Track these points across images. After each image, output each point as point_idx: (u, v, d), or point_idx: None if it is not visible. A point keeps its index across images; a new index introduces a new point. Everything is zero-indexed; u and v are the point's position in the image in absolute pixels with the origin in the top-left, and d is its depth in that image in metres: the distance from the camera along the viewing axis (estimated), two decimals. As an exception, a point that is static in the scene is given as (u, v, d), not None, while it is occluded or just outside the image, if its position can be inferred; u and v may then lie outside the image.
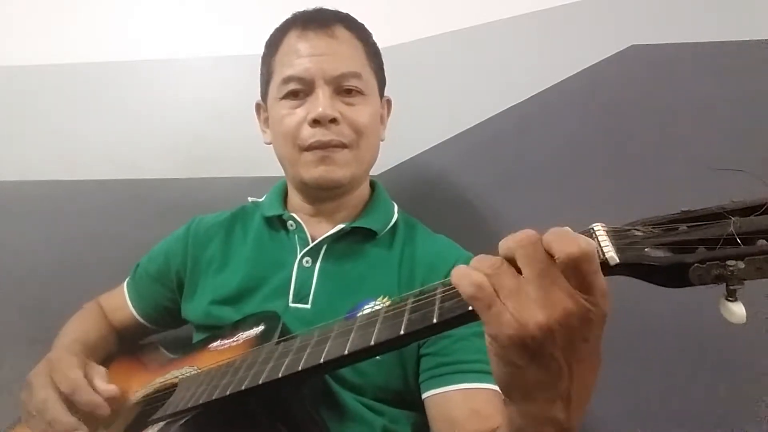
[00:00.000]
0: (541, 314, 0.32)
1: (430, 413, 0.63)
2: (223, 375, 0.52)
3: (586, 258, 0.32)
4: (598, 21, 0.94)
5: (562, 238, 0.33)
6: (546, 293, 0.32)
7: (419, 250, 0.75)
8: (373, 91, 0.76)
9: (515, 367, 0.35)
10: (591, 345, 0.34)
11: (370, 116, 0.73)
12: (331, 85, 0.71)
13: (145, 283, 0.86)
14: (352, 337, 0.43)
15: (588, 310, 0.32)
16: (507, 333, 0.33)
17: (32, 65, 1.19)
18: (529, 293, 0.33)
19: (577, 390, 0.34)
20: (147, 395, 0.64)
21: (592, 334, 0.33)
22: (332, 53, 0.71)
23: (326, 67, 0.70)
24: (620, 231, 0.35)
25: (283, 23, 0.78)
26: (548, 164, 0.96)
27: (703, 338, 0.81)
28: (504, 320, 0.33)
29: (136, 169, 1.19)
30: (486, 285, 0.34)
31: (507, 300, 0.33)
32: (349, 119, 0.71)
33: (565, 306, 0.32)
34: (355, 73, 0.72)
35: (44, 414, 0.55)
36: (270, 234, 0.78)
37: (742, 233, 0.30)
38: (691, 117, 0.86)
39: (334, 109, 0.70)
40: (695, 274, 0.31)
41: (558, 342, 0.33)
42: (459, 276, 0.36)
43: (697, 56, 0.85)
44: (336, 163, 0.71)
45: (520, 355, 0.34)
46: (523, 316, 0.32)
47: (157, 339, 0.92)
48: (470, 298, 0.35)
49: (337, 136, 0.70)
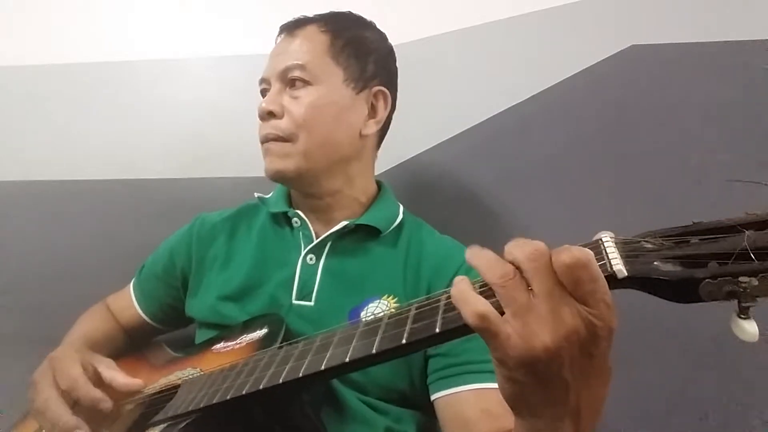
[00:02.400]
0: (548, 335, 0.32)
1: (441, 414, 0.63)
2: (225, 378, 0.53)
3: (580, 265, 0.31)
4: (598, 21, 0.94)
5: (558, 250, 0.33)
6: (554, 312, 0.32)
7: (425, 250, 0.74)
8: (327, 79, 0.73)
9: (522, 386, 0.34)
10: (598, 361, 0.33)
11: (312, 107, 0.71)
12: (280, 81, 0.73)
13: (151, 283, 0.86)
14: (354, 345, 0.42)
15: (594, 326, 0.32)
16: (514, 356, 0.33)
17: (32, 65, 1.19)
18: (539, 312, 0.32)
19: (586, 405, 0.34)
20: (149, 396, 0.65)
21: (598, 350, 0.33)
22: (285, 51, 0.73)
23: (276, 65, 0.73)
24: (629, 242, 0.34)
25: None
26: (548, 163, 0.96)
27: (703, 338, 0.81)
28: (511, 344, 0.32)
29: (136, 169, 1.19)
30: (490, 314, 0.33)
31: (515, 318, 0.33)
32: (290, 112, 0.72)
33: (572, 325, 0.32)
34: (298, 65, 0.72)
35: (46, 414, 0.55)
36: (274, 231, 0.78)
37: (756, 248, 0.28)
38: (691, 116, 0.86)
39: (276, 103, 0.71)
40: (706, 290, 0.29)
41: (565, 361, 0.32)
42: (460, 300, 0.35)
43: (697, 56, 0.85)
44: (273, 154, 0.72)
45: (527, 376, 0.33)
46: (530, 338, 0.32)
47: (162, 338, 0.92)
48: (474, 327, 0.34)
49: (273, 129, 0.71)
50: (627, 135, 0.90)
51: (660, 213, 0.83)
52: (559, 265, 0.32)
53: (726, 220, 0.32)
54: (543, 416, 0.35)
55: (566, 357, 0.32)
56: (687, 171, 0.85)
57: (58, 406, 0.55)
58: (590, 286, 0.32)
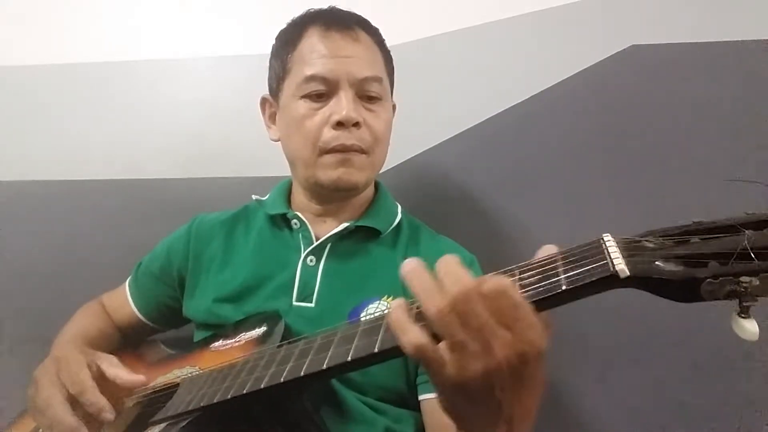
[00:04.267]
0: (481, 365, 0.34)
1: (424, 417, 0.64)
2: (225, 377, 0.52)
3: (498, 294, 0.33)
4: (598, 21, 0.94)
5: (479, 281, 0.35)
6: (485, 346, 0.34)
7: (423, 250, 0.75)
8: (388, 96, 0.76)
9: (457, 404, 0.38)
10: (529, 380, 0.35)
11: (387, 123, 0.75)
12: (354, 88, 0.71)
13: (148, 282, 0.86)
14: (355, 344, 0.42)
15: (524, 352, 0.34)
16: (448, 383, 0.35)
17: (32, 65, 1.19)
18: (472, 347, 0.34)
19: (518, 414, 0.36)
20: (148, 395, 0.64)
21: (528, 371, 0.35)
22: (356, 56, 0.71)
23: (351, 69, 0.70)
24: (631, 242, 0.35)
25: (301, 20, 0.76)
26: (548, 164, 0.96)
27: (703, 338, 0.81)
28: (445, 372, 0.35)
29: (136, 169, 1.19)
30: (425, 345, 0.35)
31: (450, 352, 0.35)
32: (370, 125, 0.71)
33: (503, 355, 0.33)
34: (377, 77, 0.72)
35: (46, 413, 0.55)
36: (273, 232, 0.78)
37: (757, 248, 0.29)
38: (691, 117, 0.86)
39: (358, 112, 0.70)
40: (707, 289, 0.30)
41: (496, 384, 0.35)
42: (397, 329, 0.37)
43: (697, 56, 0.85)
44: (354, 166, 0.71)
45: (460, 397, 0.36)
46: (464, 368, 0.34)
47: (158, 336, 0.92)
48: (411, 356, 0.36)
49: (358, 141, 0.70)
50: (627, 135, 0.90)
51: (660, 212, 0.83)
52: (482, 297, 0.34)
53: (726, 219, 0.32)
54: (477, 427, 0.38)
55: (497, 381, 0.35)
56: (687, 171, 0.85)
57: (60, 406, 0.55)
58: (512, 313, 0.34)
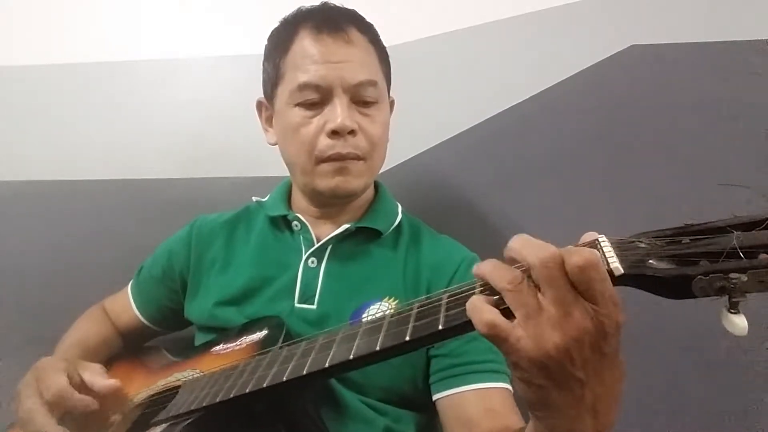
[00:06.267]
0: (559, 337, 0.33)
1: (444, 414, 0.63)
2: (227, 378, 0.52)
3: (590, 266, 0.32)
4: (598, 21, 0.94)
5: (567, 252, 0.33)
6: (565, 314, 0.33)
7: (424, 250, 0.74)
8: (385, 97, 0.74)
9: (538, 387, 0.35)
10: (610, 357, 0.34)
11: (384, 126, 0.72)
12: (348, 94, 0.69)
13: (149, 285, 0.85)
14: (357, 343, 0.42)
15: (603, 324, 0.33)
16: (526, 357, 0.33)
17: (32, 65, 1.19)
18: (549, 314, 0.33)
19: (603, 401, 0.35)
20: (149, 397, 0.64)
21: (609, 347, 0.34)
22: (350, 60, 0.69)
23: (345, 75, 0.68)
24: (625, 243, 0.36)
25: (291, 20, 0.74)
26: (548, 163, 0.96)
27: (703, 338, 0.81)
28: (522, 346, 0.33)
29: (136, 169, 1.19)
30: (499, 322, 0.34)
31: (526, 322, 0.33)
32: (366, 131, 0.70)
33: (583, 325, 0.33)
34: (371, 81, 0.70)
35: (28, 425, 0.55)
36: (274, 234, 0.78)
37: (745, 247, 0.31)
38: (690, 116, 0.86)
39: (353, 120, 0.68)
40: (698, 286, 0.31)
41: (577, 360, 0.33)
42: (472, 310, 0.36)
43: (697, 56, 0.85)
44: (351, 174, 0.70)
45: (541, 377, 0.34)
46: (541, 340, 0.33)
47: (159, 341, 0.92)
48: (485, 335, 0.35)
49: (354, 149, 0.69)
50: (627, 135, 0.90)
51: (657, 211, 0.83)
52: (571, 267, 0.33)
53: (716, 221, 0.34)
54: (562, 415, 0.36)
55: (578, 356, 0.33)
56: (685, 171, 0.85)
57: (42, 416, 0.55)
58: (600, 286, 0.33)
